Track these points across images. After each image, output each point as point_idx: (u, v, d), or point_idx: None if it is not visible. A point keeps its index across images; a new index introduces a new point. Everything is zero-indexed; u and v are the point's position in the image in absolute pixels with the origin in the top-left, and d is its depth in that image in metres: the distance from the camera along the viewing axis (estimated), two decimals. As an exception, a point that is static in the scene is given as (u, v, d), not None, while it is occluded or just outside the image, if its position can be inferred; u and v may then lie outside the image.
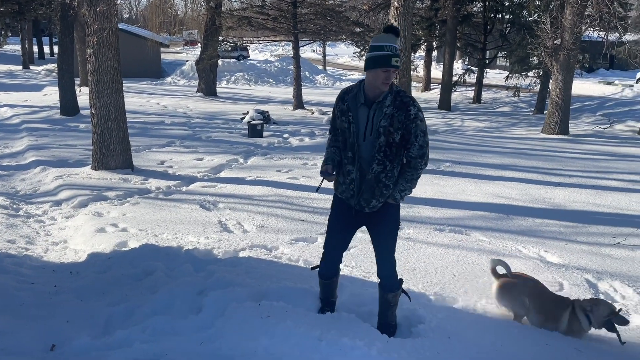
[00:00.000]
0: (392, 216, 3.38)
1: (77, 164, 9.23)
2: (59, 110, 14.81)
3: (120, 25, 21.84)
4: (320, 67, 36.73)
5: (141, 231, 5.96)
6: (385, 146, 3.16)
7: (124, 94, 8.87)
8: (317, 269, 3.66)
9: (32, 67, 30.48)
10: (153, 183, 8.21)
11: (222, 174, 9.01)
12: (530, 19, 19.82)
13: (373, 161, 3.19)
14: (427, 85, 27.25)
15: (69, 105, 14.67)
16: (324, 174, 3.25)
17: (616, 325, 3.77)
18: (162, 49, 30.09)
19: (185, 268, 4.46)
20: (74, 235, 6.01)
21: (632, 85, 26.91)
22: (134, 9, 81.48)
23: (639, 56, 13.91)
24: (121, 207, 6.92)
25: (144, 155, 10.23)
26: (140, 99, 19.22)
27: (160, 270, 4.37)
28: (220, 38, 20.30)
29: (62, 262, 5.19)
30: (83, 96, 14.66)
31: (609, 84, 27.95)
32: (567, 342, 3.77)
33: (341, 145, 3.31)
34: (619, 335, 3.75)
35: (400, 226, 3.52)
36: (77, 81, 18.65)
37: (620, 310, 3.86)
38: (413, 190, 3.37)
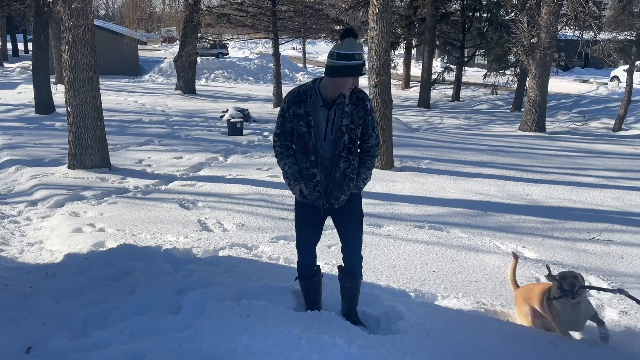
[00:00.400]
0: (359, 205, 3.50)
1: (53, 163, 9.07)
2: (33, 109, 14.52)
3: (97, 22, 21.50)
4: (301, 65, 36.69)
5: (119, 231, 5.88)
6: (349, 143, 3.27)
7: (101, 91, 8.74)
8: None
9: (6, 65, 29.87)
10: (131, 182, 8.11)
11: (202, 173, 8.94)
12: (507, 17, 20.08)
13: (339, 160, 3.27)
14: (406, 83, 27.41)
15: (44, 103, 14.40)
16: (301, 195, 3.34)
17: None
18: (139, 46, 29.75)
19: (164, 268, 4.42)
20: (50, 236, 5.91)
21: (606, 83, 27.44)
22: (111, 5, 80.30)
23: (613, 55, 14.19)
24: (98, 207, 6.82)
25: (122, 154, 10.10)
26: (117, 97, 18.97)
27: (139, 271, 4.32)
28: (199, 35, 20.13)
29: (37, 263, 5.10)
30: (59, 94, 14.42)
31: (584, 82, 28.48)
32: (543, 336, 3.83)
33: (300, 150, 3.30)
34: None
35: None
36: (53, 79, 18.31)
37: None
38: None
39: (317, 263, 3.66)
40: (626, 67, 16.94)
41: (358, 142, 3.36)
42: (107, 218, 6.34)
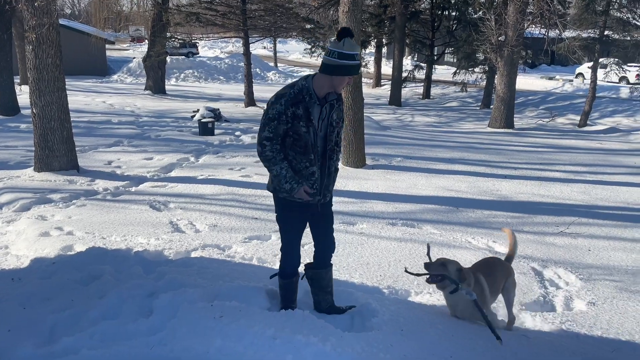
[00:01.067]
0: (331, 199, 3.60)
1: (19, 166, 8.83)
2: (-3, 110, 14.11)
3: (62, 21, 21.00)
4: (272, 64, 36.55)
5: (88, 234, 5.76)
6: (336, 136, 3.40)
7: (68, 92, 8.53)
8: (276, 276, 3.67)
9: (-34, 65, 28.90)
10: (100, 184, 7.95)
11: (173, 174, 8.82)
12: (475, 16, 20.41)
13: (332, 153, 3.40)
14: (377, 82, 27.58)
15: (8, 104, 14.00)
16: (308, 195, 3.31)
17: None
18: (107, 46, 29.19)
19: (135, 270, 4.34)
20: (15, 241, 5.73)
21: (571, 80, 28.13)
22: (77, 4, 78.57)
23: (577, 52, 14.54)
24: (66, 210, 6.66)
25: (90, 155, 9.89)
26: (85, 98, 18.58)
27: (108, 274, 4.23)
28: (168, 34, 19.85)
29: (3, 268, 4.94)
30: (23, 95, 14.05)
31: (551, 79, 29.13)
32: (514, 330, 3.90)
33: (299, 150, 3.26)
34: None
35: None
36: (17, 79, 17.83)
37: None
38: None
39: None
40: (590, 64, 17.38)
41: None
42: (76, 221, 6.20)
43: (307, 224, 3.56)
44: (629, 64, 19.42)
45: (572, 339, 3.84)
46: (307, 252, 5.28)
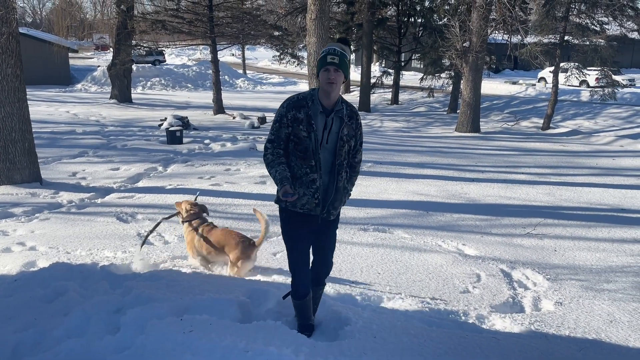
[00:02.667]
0: (337, 218, 3.52)
1: (-23, 180, 8.52)
2: (-46, 122, 13.63)
3: (22, 30, 20.47)
4: (240, 71, 36.40)
5: (52, 249, 5.59)
6: (346, 154, 3.31)
7: (29, 102, 8.30)
8: (288, 296, 3.62)
9: None
10: (64, 196, 7.74)
11: (140, 184, 8.66)
12: (440, 22, 20.75)
13: (341, 169, 3.29)
14: (347, 88, 27.75)
15: (-34, 116, 13.54)
16: (286, 195, 3.04)
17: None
18: (70, 54, 28.57)
19: (101, 286, 4.22)
20: (-25, 258, 5.52)
21: (534, 84, 28.85)
22: (38, 12, 76.77)
23: (539, 57, 14.92)
24: (29, 224, 6.46)
25: (54, 167, 9.64)
26: (47, 108, 18.13)
27: (73, 290, 4.11)
28: (134, 42, 19.57)
29: (-39, 287, 4.75)
30: (-18, 106, 13.60)
31: (514, 83, 29.81)
32: (485, 333, 3.95)
33: (300, 155, 3.23)
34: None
35: None
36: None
37: None
38: None
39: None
40: (552, 68, 17.85)
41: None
42: (39, 235, 6.01)
43: (310, 243, 3.51)
44: (588, 68, 19.96)
45: (541, 339, 3.90)
46: (278, 260, 5.24)
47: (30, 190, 7.90)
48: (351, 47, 3.23)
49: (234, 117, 17.31)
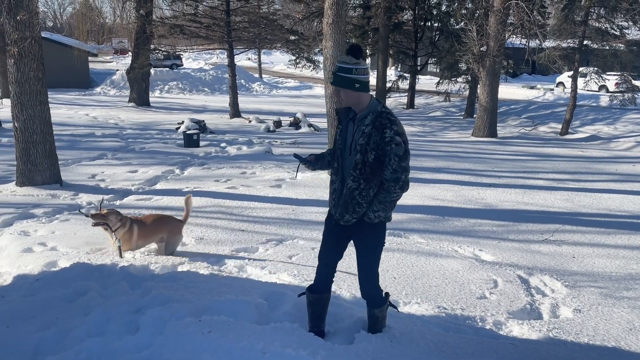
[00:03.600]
0: (369, 234, 3.37)
1: (0, 181, 8.69)
2: (-23, 124, 13.95)
3: (44, 34, 20.84)
4: (256, 75, 36.60)
5: (72, 249, 5.67)
6: (361, 164, 3.17)
7: (50, 105, 8.45)
8: (303, 295, 3.62)
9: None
10: (84, 198, 7.86)
11: (158, 186, 8.76)
12: (457, 27, 20.66)
13: (349, 177, 3.24)
14: (363, 92, 27.71)
15: (-12, 118, 13.84)
16: (297, 156, 3.45)
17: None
18: (90, 58, 29.02)
19: (121, 286, 4.28)
20: (-3, 257, 5.63)
21: (552, 89, 28.59)
22: (59, 17, 78.10)
23: (557, 61, 14.79)
24: (50, 225, 6.57)
25: (74, 169, 9.79)
26: (68, 111, 18.41)
27: (94, 290, 4.17)
28: (152, 46, 19.82)
29: (-16, 286, 4.85)
30: (4, 109, 13.90)
31: (532, 88, 29.57)
32: (502, 339, 3.92)
33: (332, 155, 3.41)
34: None
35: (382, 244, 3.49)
36: (-2, 93, 17.63)
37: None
38: (389, 213, 3.37)
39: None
40: (570, 73, 17.68)
41: (377, 170, 3.21)
42: (59, 236, 6.11)
43: (339, 244, 3.50)
44: (608, 73, 19.74)
45: (560, 346, 3.86)
46: (294, 262, 5.27)
47: (50, 191, 8.03)
48: (361, 51, 3.22)
49: (249, 121, 17.42)
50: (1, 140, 12.42)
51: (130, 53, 25.86)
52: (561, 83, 29.69)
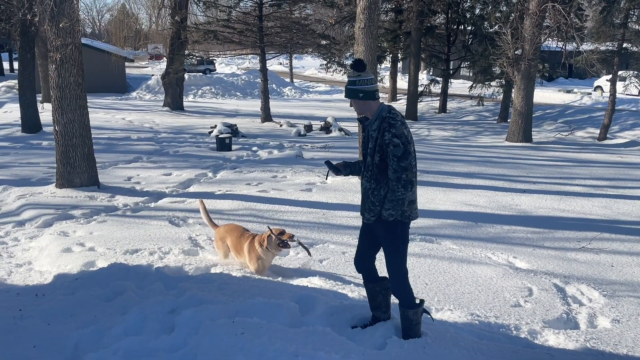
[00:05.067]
0: (388, 232, 3.52)
1: (41, 183, 8.99)
2: (20, 128, 14.42)
3: (84, 40, 21.45)
4: (288, 80, 36.84)
5: (109, 250, 5.83)
6: (371, 166, 3.47)
7: (89, 109, 8.71)
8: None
9: (-9, 84, 29.60)
10: (120, 200, 8.05)
11: (191, 189, 8.90)
12: (491, 30, 20.38)
13: (363, 178, 3.57)
14: (393, 96, 27.62)
15: (30, 122, 14.31)
16: (328, 162, 3.69)
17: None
18: (126, 64, 29.71)
19: (157, 286, 4.38)
20: (38, 256, 5.83)
21: (590, 93, 27.87)
22: (98, 23, 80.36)
23: (595, 65, 14.44)
24: (88, 226, 6.76)
25: (110, 171, 10.04)
26: (105, 115, 18.90)
27: (130, 290, 4.28)
28: (186, 52, 20.17)
29: (26, 284, 5.02)
30: (45, 113, 14.34)
31: (569, 92, 28.88)
32: (538, 348, 3.85)
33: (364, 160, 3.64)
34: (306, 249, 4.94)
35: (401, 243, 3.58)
36: (39, 97, 18.22)
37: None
38: (399, 211, 3.42)
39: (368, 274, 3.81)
40: (609, 77, 17.24)
41: (384, 171, 3.44)
42: (97, 237, 6.28)
43: (370, 238, 3.71)
44: (648, 77, 19.16)
45: (597, 357, 3.77)
46: (325, 266, 5.28)
47: (88, 193, 8.26)
48: (363, 64, 3.48)
49: (281, 125, 17.54)
50: (42, 143, 12.83)
51: (165, 58, 26.37)
52: (599, 87, 28.94)
